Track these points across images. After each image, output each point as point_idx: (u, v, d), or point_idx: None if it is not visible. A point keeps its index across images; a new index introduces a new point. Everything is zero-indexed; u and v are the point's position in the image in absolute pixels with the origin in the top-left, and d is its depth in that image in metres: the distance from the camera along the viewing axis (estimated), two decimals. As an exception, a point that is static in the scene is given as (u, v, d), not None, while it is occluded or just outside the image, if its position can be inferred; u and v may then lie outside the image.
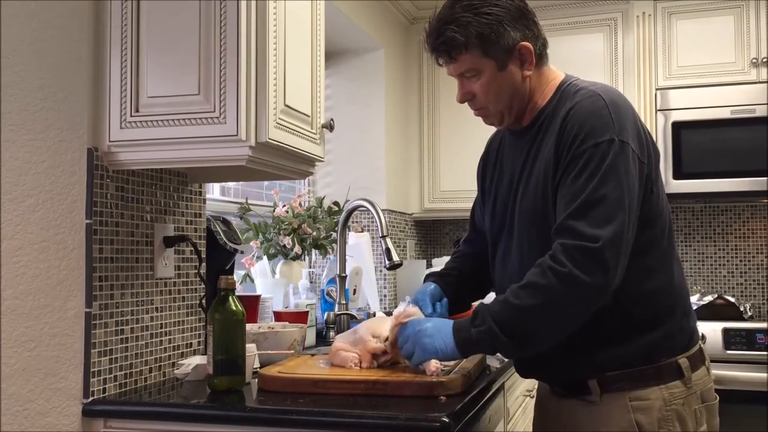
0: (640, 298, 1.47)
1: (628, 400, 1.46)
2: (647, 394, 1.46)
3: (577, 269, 1.35)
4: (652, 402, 1.46)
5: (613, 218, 1.37)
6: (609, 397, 1.48)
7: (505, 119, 1.60)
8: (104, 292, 1.57)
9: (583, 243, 1.36)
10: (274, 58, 1.58)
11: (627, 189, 1.40)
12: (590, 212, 1.38)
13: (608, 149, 1.41)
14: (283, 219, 2.80)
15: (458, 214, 3.82)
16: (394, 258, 2.37)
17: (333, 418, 1.37)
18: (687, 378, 1.48)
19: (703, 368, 1.53)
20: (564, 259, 1.37)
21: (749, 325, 3.19)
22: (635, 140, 1.46)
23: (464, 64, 1.55)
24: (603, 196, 1.39)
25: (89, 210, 1.54)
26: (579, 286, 1.36)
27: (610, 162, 1.40)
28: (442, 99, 3.81)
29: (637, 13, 3.58)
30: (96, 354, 1.54)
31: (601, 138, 1.42)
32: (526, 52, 1.54)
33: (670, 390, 1.47)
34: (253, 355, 1.71)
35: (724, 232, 3.82)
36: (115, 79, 1.57)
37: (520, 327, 1.40)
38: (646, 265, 1.48)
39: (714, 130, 3.41)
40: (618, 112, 1.47)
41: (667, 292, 1.51)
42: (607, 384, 1.48)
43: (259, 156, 1.57)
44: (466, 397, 1.48)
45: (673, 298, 1.52)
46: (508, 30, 1.51)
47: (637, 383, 1.47)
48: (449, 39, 1.53)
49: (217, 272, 1.83)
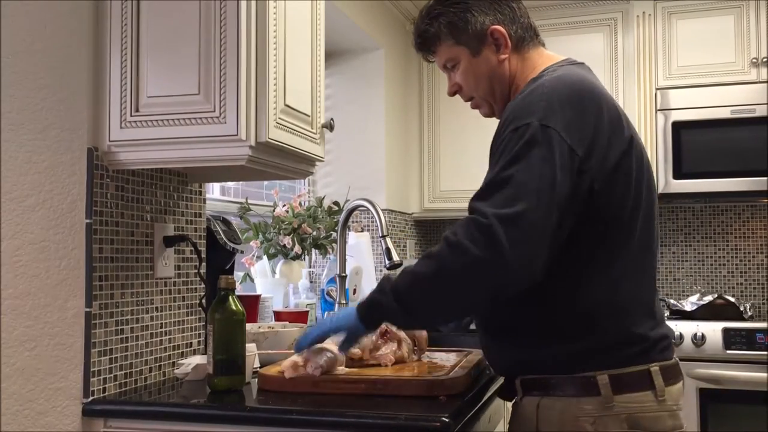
0: (567, 305, 1.39)
1: (536, 406, 1.41)
2: (554, 403, 1.39)
3: (466, 239, 1.29)
4: (555, 413, 1.38)
5: (515, 200, 1.29)
6: (527, 400, 1.44)
7: (495, 108, 1.60)
8: (104, 292, 1.57)
9: (476, 217, 1.31)
10: (274, 58, 1.58)
11: (538, 171, 1.31)
12: (493, 193, 1.32)
13: (524, 132, 1.34)
14: (283, 219, 2.80)
15: (458, 214, 3.79)
16: (394, 258, 2.37)
17: (333, 418, 1.37)
18: (605, 396, 1.35)
19: (645, 393, 1.37)
20: (458, 230, 1.32)
21: (749, 325, 3.19)
22: (567, 127, 1.35)
23: (443, 55, 1.60)
24: (507, 178, 1.32)
25: (89, 210, 1.54)
26: (465, 255, 1.29)
27: (522, 145, 1.33)
28: (442, 99, 3.81)
29: (637, 12, 3.58)
30: (96, 354, 1.54)
31: (522, 122, 1.36)
32: (499, 35, 1.54)
33: (581, 405, 1.36)
34: (253, 355, 1.71)
35: (724, 232, 3.81)
36: (115, 78, 1.57)
37: (412, 294, 1.35)
38: (581, 271, 1.39)
39: (714, 130, 3.41)
40: (552, 98, 1.38)
41: (603, 304, 1.39)
42: (526, 385, 1.44)
43: (259, 156, 1.57)
44: (466, 397, 1.48)
45: (610, 313, 1.40)
46: (476, 16, 1.54)
47: (550, 390, 1.40)
48: (423, 32, 1.59)
49: (217, 272, 1.83)
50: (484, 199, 1.33)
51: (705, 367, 3.15)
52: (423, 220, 4.00)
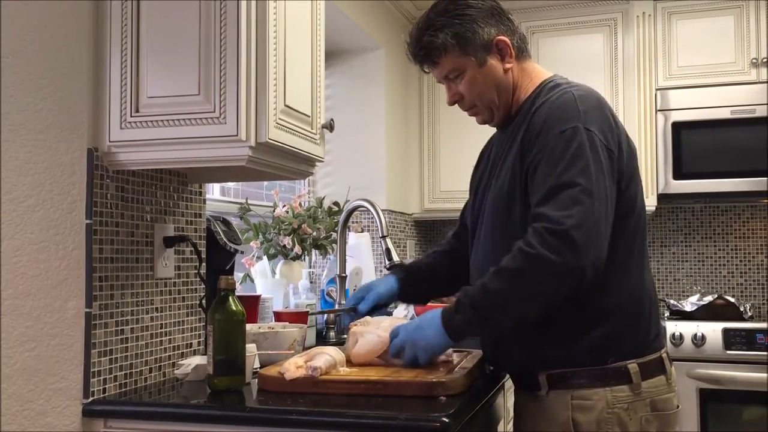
0: (594, 296, 1.46)
1: (570, 398, 1.48)
2: (590, 394, 1.47)
3: (545, 249, 1.37)
4: (593, 403, 1.46)
5: (579, 201, 1.39)
6: (555, 394, 1.50)
7: (495, 115, 1.65)
8: (104, 292, 1.57)
9: (549, 225, 1.38)
10: (274, 58, 1.58)
11: (594, 174, 1.41)
12: (557, 197, 1.40)
13: (573, 135, 1.44)
14: (283, 219, 2.80)
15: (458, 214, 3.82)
16: (394, 258, 2.37)
17: (333, 418, 1.37)
18: (635, 384, 1.47)
19: (660, 377, 1.52)
20: (533, 241, 1.39)
21: (749, 325, 3.19)
22: (602, 131, 1.47)
23: (446, 66, 1.62)
24: (568, 181, 1.40)
25: (89, 210, 1.54)
26: (548, 266, 1.37)
27: (576, 147, 1.43)
28: (442, 99, 3.79)
29: (637, 13, 3.58)
30: (96, 354, 1.54)
31: (566, 125, 1.45)
32: (504, 45, 1.60)
33: (614, 393, 1.46)
34: (253, 355, 1.71)
35: (724, 232, 3.81)
36: (115, 79, 1.57)
37: (498, 310, 1.44)
38: (610, 266, 1.45)
39: (714, 130, 3.41)
40: (585, 104, 1.49)
41: (625, 294, 1.51)
42: (554, 380, 1.50)
43: (259, 156, 1.57)
44: (466, 397, 1.48)
45: (631, 302, 1.51)
46: (482, 27, 1.58)
47: (581, 382, 1.47)
48: (427, 44, 1.61)
49: (217, 272, 1.83)
50: (547, 204, 1.41)
51: (705, 367, 3.15)
52: (423, 221, 4.00)
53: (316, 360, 1.53)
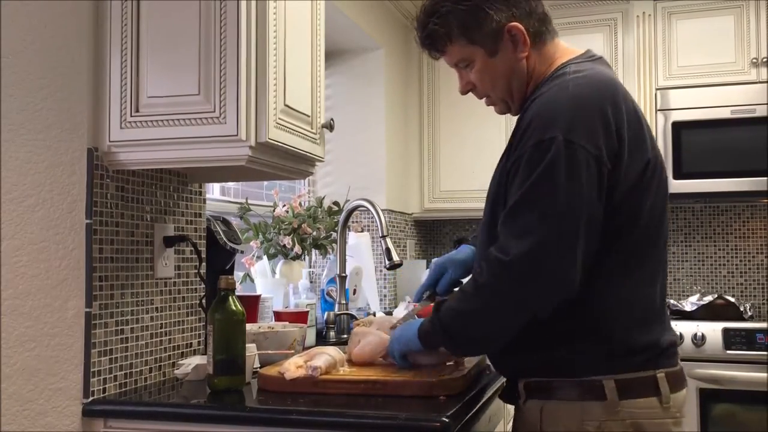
0: (577, 312, 1.36)
1: (540, 410, 1.40)
2: (559, 407, 1.38)
3: (492, 278, 1.33)
4: (560, 417, 1.37)
5: (532, 228, 1.29)
6: (531, 403, 1.43)
7: (511, 106, 1.54)
8: (104, 292, 1.57)
9: (498, 254, 1.32)
10: (274, 58, 1.58)
11: (565, 193, 1.29)
12: (515, 218, 1.32)
13: (548, 149, 1.30)
14: (283, 219, 2.80)
15: (458, 214, 3.83)
16: (394, 258, 2.37)
17: (333, 418, 1.37)
18: (610, 401, 1.34)
19: (650, 399, 1.36)
20: (484, 268, 1.35)
21: (749, 325, 3.19)
22: (591, 139, 1.31)
23: (454, 55, 1.51)
24: (530, 201, 1.31)
25: (89, 210, 1.54)
26: (494, 296, 1.34)
27: (547, 164, 1.30)
28: (442, 99, 3.82)
29: (637, 13, 3.58)
30: (96, 354, 1.54)
31: (546, 135, 1.31)
32: (517, 32, 1.45)
33: (585, 409, 1.35)
34: (253, 355, 1.71)
35: (724, 232, 3.81)
36: (115, 79, 1.57)
37: (458, 330, 1.40)
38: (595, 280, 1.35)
39: (714, 130, 3.41)
40: (577, 104, 1.34)
41: (616, 312, 1.38)
42: (531, 389, 1.43)
43: (259, 156, 1.57)
44: (466, 397, 1.48)
45: (617, 318, 1.38)
46: (490, 13, 1.43)
47: (554, 393, 1.39)
48: (432, 32, 1.49)
49: (217, 272, 1.83)
50: (507, 227, 1.34)
51: (705, 367, 3.15)
52: (423, 220, 3.99)
53: (316, 360, 1.53)
